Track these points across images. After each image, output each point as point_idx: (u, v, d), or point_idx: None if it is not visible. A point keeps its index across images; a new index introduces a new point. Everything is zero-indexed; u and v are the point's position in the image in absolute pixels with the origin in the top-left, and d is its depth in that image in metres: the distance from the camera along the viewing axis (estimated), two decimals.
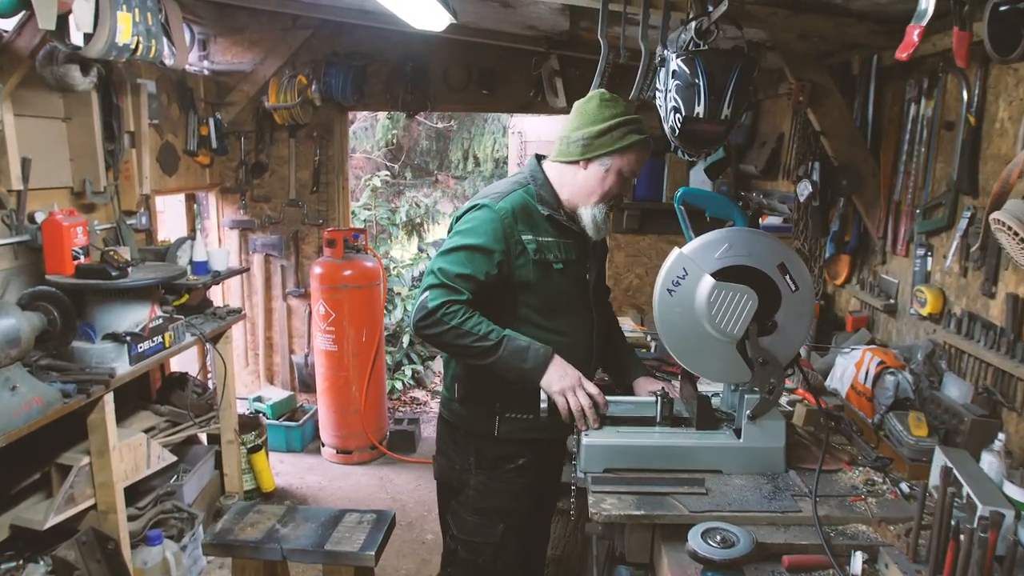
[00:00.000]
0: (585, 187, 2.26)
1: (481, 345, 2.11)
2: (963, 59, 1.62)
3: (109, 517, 3.11)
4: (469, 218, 2.23)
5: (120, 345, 3.17)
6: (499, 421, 2.33)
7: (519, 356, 2.13)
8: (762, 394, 2.07)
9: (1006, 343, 2.16)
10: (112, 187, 3.85)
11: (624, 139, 2.20)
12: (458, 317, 2.10)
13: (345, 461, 5.19)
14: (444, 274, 2.15)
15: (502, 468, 2.37)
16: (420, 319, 2.13)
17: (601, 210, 2.28)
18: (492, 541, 2.38)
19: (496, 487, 2.38)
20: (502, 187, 2.32)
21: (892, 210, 2.90)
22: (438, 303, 2.11)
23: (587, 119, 2.23)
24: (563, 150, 2.28)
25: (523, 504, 2.41)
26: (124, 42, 2.98)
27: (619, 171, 2.24)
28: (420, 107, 5.26)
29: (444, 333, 2.11)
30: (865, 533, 1.87)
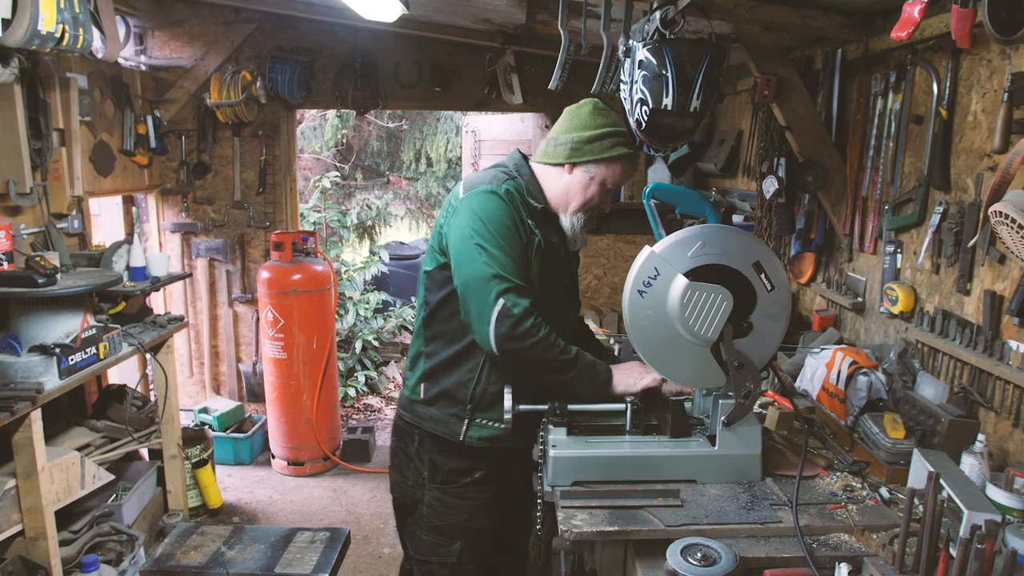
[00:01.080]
0: (568, 192, 2.17)
1: (563, 359, 1.99)
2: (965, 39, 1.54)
3: (39, 543, 2.91)
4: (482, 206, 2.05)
5: (48, 358, 2.96)
6: (467, 425, 2.19)
7: (593, 371, 2.06)
8: (737, 399, 1.98)
9: (983, 341, 2.10)
10: (40, 188, 3.60)
11: (613, 149, 2.12)
12: (544, 328, 1.96)
13: (297, 473, 4.98)
14: (509, 271, 1.97)
15: (458, 482, 2.25)
16: (510, 330, 1.93)
17: (580, 219, 2.20)
18: (448, 561, 2.26)
19: (451, 503, 2.25)
20: (488, 175, 2.18)
21: (859, 206, 2.85)
22: (525, 309, 1.94)
23: (578, 124, 2.15)
24: (549, 152, 2.18)
25: (481, 521, 2.29)
26: (48, 30, 2.76)
27: (603, 181, 2.15)
28: (370, 105, 5.09)
29: (533, 347, 1.95)
30: (848, 543, 1.79)
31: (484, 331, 1.97)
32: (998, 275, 2.09)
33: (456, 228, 2.07)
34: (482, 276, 1.97)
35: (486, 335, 1.97)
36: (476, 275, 1.99)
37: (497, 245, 2.00)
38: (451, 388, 2.20)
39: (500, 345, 1.96)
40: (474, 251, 2.00)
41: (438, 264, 2.19)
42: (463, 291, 2.04)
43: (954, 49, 2.25)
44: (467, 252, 2.02)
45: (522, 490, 2.51)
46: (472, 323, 2.02)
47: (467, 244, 2.02)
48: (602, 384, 2.07)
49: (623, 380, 2.09)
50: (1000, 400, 2.06)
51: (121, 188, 4.67)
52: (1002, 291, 2.06)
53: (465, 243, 2.03)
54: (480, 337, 2.01)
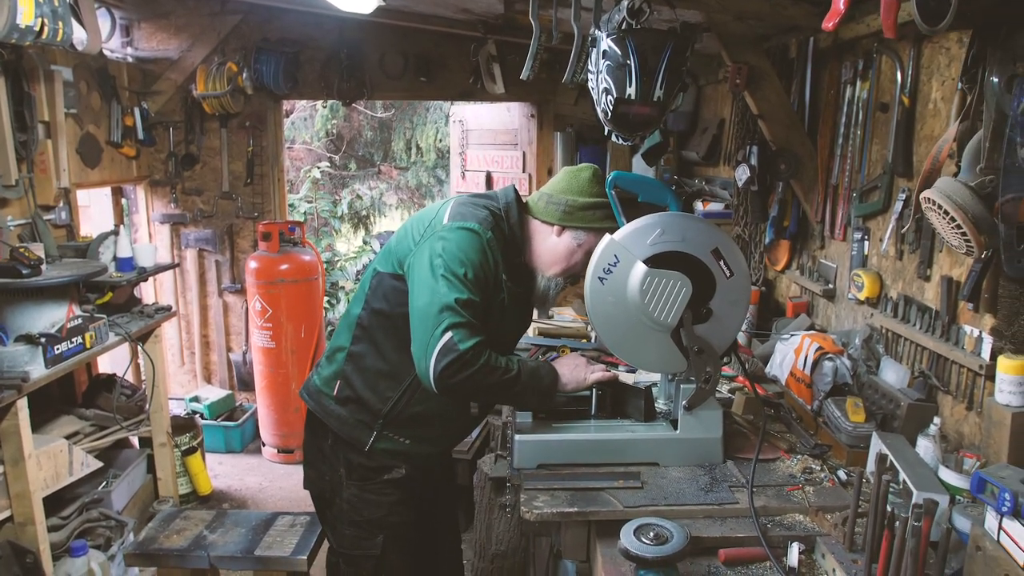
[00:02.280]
0: (553, 254, 2.14)
1: (507, 378, 1.95)
2: (891, 29, 1.57)
3: (27, 529, 2.95)
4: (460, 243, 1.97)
5: (34, 347, 2.99)
6: (375, 437, 2.13)
7: (536, 377, 2.02)
8: (698, 384, 2.02)
9: (941, 326, 2.14)
10: (26, 180, 3.63)
11: (603, 221, 2.10)
12: (484, 356, 1.90)
13: (287, 460, 5.04)
14: (463, 307, 1.89)
15: (376, 479, 2.19)
16: (448, 364, 1.84)
17: (558, 284, 2.18)
18: (373, 553, 2.20)
19: (370, 499, 2.19)
20: (481, 211, 2.08)
21: (830, 194, 2.88)
22: (471, 345, 1.86)
23: (576, 188, 2.13)
24: (543, 208, 2.14)
25: (402, 515, 2.24)
26: (27, 24, 2.80)
27: (587, 251, 2.10)
28: (356, 95, 5.11)
29: (473, 375, 1.87)
30: (802, 523, 1.83)
31: (425, 363, 1.87)
32: (955, 261, 2.12)
33: (428, 251, 1.98)
34: (436, 306, 1.88)
35: (426, 368, 1.87)
36: (430, 303, 1.89)
37: (462, 280, 1.92)
38: (367, 398, 2.13)
39: (438, 380, 1.87)
40: (438, 280, 1.91)
41: (393, 272, 2.10)
42: (414, 317, 1.95)
43: (916, 37, 2.28)
44: (429, 279, 1.93)
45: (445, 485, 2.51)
46: (415, 352, 1.93)
47: (433, 272, 1.93)
48: (547, 388, 2.04)
49: (572, 376, 2.08)
50: (956, 384, 2.10)
51: (109, 180, 4.70)
52: (959, 277, 2.10)
53: (431, 270, 1.94)
54: (420, 369, 1.91)
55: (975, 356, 1.98)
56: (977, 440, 2.00)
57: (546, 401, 2.07)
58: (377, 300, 2.13)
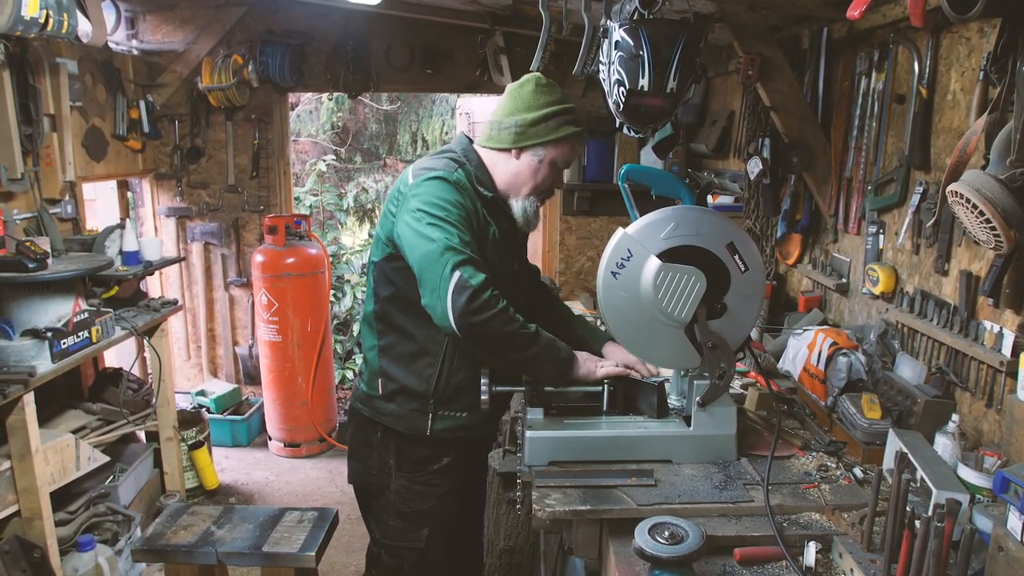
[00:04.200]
0: (517, 177, 2.12)
1: (524, 333, 1.90)
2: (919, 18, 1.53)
3: (34, 523, 2.95)
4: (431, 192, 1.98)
5: (40, 342, 2.99)
6: (432, 419, 2.17)
7: (553, 347, 1.98)
8: (712, 380, 1.99)
9: (959, 321, 2.11)
10: (32, 174, 3.62)
11: (560, 130, 2.07)
12: (502, 300, 1.87)
13: (293, 454, 5.04)
14: (463, 246, 1.88)
15: (425, 470, 2.22)
16: (467, 302, 1.81)
17: (532, 203, 2.16)
18: (417, 546, 2.25)
19: (419, 490, 2.23)
20: (439, 163, 2.11)
21: (843, 187, 2.85)
22: (483, 280, 1.84)
23: (521, 105, 2.08)
24: (494, 136, 2.13)
25: (448, 507, 2.28)
26: (31, 15, 2.78)
27: (552, 162, 2.10)
28: (362, 88, 5.07)
29: (492, 319, 1.84)
30: (819, 522, 1.80)
31: (441, 307, 1.84)
32: (975, 255, 2.09)
33: (407, 212, 1.99)
34: (435, 250, 1.88)
35: (444, 311, 1.84)
36: (429, 250, 1.89)
37: (450, 222, 1.93)
38: (411, 384, 2.15)
39: (459, 320, 1.83)
40: (426, 229, 1.91)
41: (386, 255, 2.12)
42: (418, 270, 1.93)
43: (935, 27, 2.23)
44: (419, 231, 1.93)
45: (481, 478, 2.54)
46: (428, 301, 1.91)
47: (419, 224, 1.93)
48: (564, 361, 2.02)
49: (584, 364, 2.06)
50: (975, 380, 2.06)
51: (115, 173, 4.68)
52: (978, 271, 2.06)
53: (417, 223, 1.94)
54: (438, 315, 1.88)
55: (995, 352, 1.95)
56: (997, 438, 1.97)
57: (562, 373, 2.03)
58: (384, 288, 2.16)
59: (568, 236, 5.30)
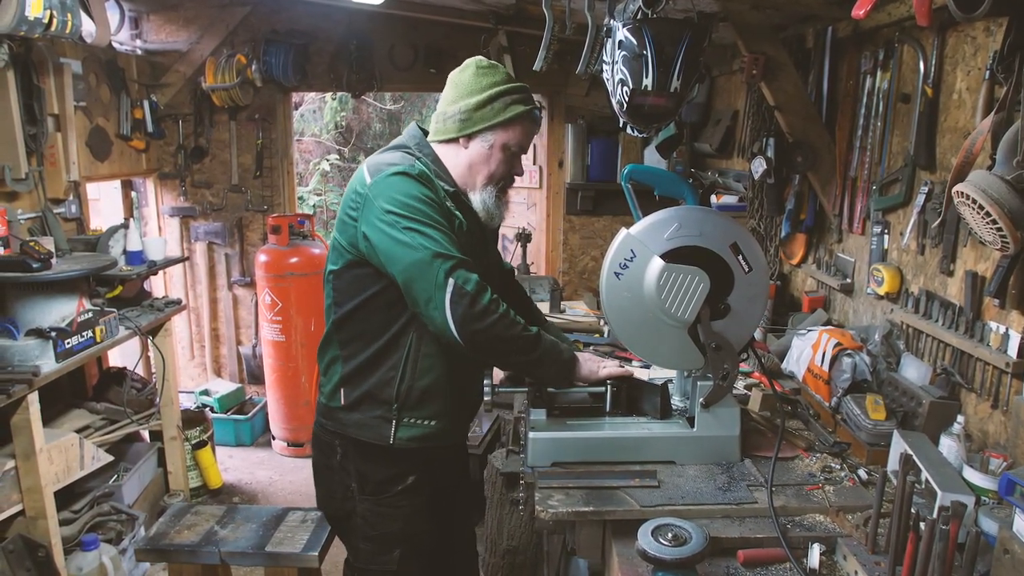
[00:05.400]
0: (471, 168, 1.99)
1: (527, 336, 1.84)
2: (925, 17, 1.52)
3: (39, 523, 2.96)
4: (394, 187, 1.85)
5: (45, 341, 2.99)
6: (396, 426, 2.02)
7: (556, 349, 1.93)
8: (715, 381, 1.98)
9: (964, 322, 2.09)
10: (36, 174, 3.62)
11: (507, 111, 1.93)
12: (502, 303, 1.80)
13: (297, 454, 5.03)
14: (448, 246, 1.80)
15: (390, 491, 2.09)
16: (467, 308, 1.75)
17: (490, 193, 2.01)
18: (389, 568, 2.13)
19: (385, 512, 2.11)
20: (396, 156, 1.97)
21: (848, 187, 2.83)
22: (477, 283, 1.77)
23: (463, 91, 1.96)
24: (440, 128, 2.00)
25: (419, 526, 2.16)
26: (35, 15, 2.78)
27: (504, 146, 1.96)
28: (366, 87, 5.07)
29: (495, 324, 1.78)
30: (823, 523, 1.80)
31: (440, 318, 1.77)
32: (980, 256, 2.07)
33: (376, 216, 1.84)
34: (423, 259, 1.77)
35: (444, 322, 1.77)
36: (415, 260, 1.78)
37: (427, 224, 1.81)
38: (373, 389, 2.03)
39: (460, 329, 1.76)
40: (405, 235, 1.80)
41: (347, 262, 1.99)
42: (405, 280, 1.82)
43: (940, 26, 2.22)
44: (398, 238, 1.81)
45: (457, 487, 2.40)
46: (424, 313, 1.83)
47: (395, 230, 1.81)
48: (567, 363, 1.97)
49: (586, 364, 2.02)
50: (980, 381, 2.05)
51: (119, 173, 4.68)
52: (984, 272, 2.05)
53: (392, 229, 1.81)
54: (437, 326, 1.81)
55: (1001, 353, 1.94)
56: (1003, 439, 1.96)
57: (566, 376, 1.98)
58: (344, 296, 2.05)
59: (571, 236, 5.29)
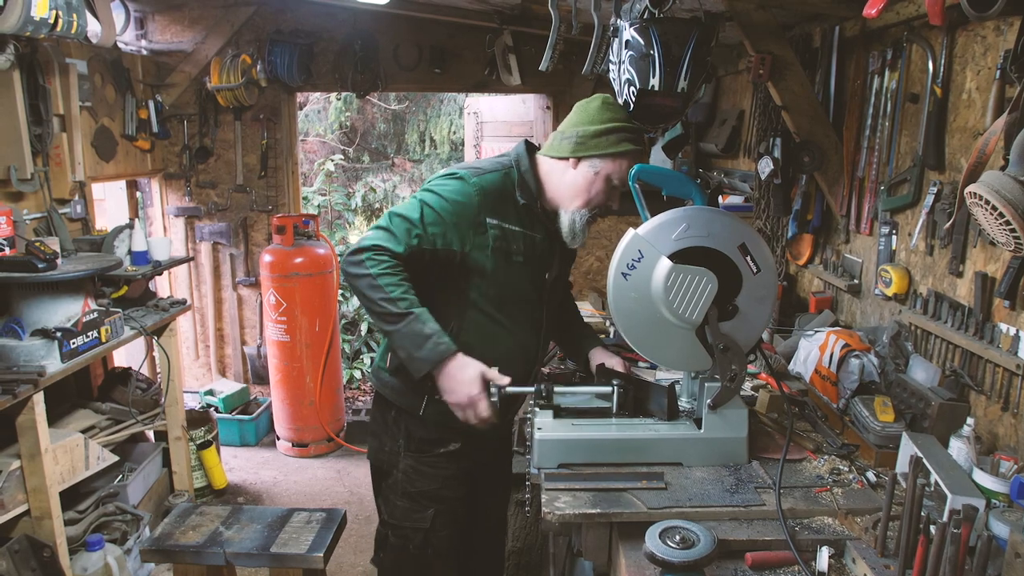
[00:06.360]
0: (572, 188, 2.14)
1: (385, 308, 1.95)
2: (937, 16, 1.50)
3: (44, 523, 2.95)
4: (441, 183, 2.10)
5: (50, 341, 2.99)
6: (426, 401, 2.18)
7: (415, 341, 1.95)
8: (723, 382, 1.97)
9: (974, 324, 2.08)
10: (41, 174, 3.63)
11: (620, 145, 2.09)
12: (380, 267, 1.96)
13: (301, 454, 5.04)
14: (394, 219, 2.03)
15: (431, 452, 2.25)
16: (350, 252, 2.01)
17: (583, 216, 2.15)
18: (422, 526, 2.26)
19: (425, 471, 2.26)
20: (485, 164, 2.19)
21: (855, 187, 2.82)
22: (370, 243, 1.99)
23: (586, 118, 2.13)
24: (556, 145, 2.16)
25: (454, 490, 2.30)
26: (41, 16, 2.78)
27: (608, 177, 2.12)
28: (370, 87, 5.06)
29: (361, 277, 1.97)
30: (831, 526, 1.78)
31: None
32: (990, 257, 2.06)
33: None
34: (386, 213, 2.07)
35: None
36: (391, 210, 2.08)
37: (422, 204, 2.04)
38: None
39: (341, 261, 2.06)
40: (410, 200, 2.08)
41: None
42: None
43: (950, 25, 2.21)
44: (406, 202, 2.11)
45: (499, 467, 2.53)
46: None
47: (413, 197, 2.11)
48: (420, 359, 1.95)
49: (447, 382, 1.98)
50: (990, 383, 2.04)
51: (124, 173, 4.68)
52: (994, 273, 2.03)
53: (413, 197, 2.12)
54: None
55: (1011, 355, 1.92)
56: (1013, 442, 1.94)
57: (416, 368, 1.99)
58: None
59: None
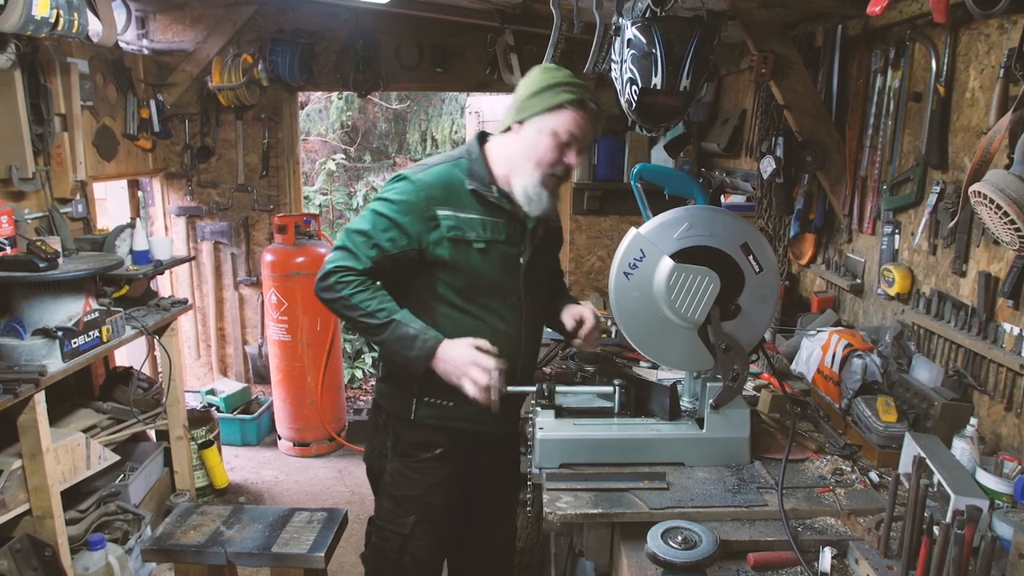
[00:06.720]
0: (518, 152, 2.06)
1: (368, 322, 1.99)
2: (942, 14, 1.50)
3: (45, 522, 2.95)
4: (389, 188, 2.10)
5: (51, 341, 2.99)
6: (416, 404, 2.17)
7: (404, 344, 1.98)
8: (725, 382, 1.96)
9: (977, 323, 2.07)
10: (43, 173, 3.62)
11: (558, 97, 1.99)
12: (350, 288, 1.99)
13: (302, 454, 5.03)
14: (351, 236, 2.06)
15: (417, 456, 2.22)
16: (318, 279, 2.04)
17: (534, 179, 2.04)
18: (401, 532, 2.23)
19: (410, 476, 2.23)
20: (433, 159, 2.19)
21: (858, 186, 2.81)
22: (334, 266, 2.02)
23: (525, 86, 2.08)
24: (503, 120, 2.14)
25: (439, 497, 2.24)
26: (42, 15, 2.77)
27: (553, 132, 2.00)
28: (372, 87, 5.06)
29: (335, 301, 2.01)
30: (834, 526, 1.78)
31: None
32: (993, 256, 2.05)
33: None
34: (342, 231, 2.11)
35: None
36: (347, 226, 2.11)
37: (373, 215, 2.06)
38: (396, 367, 2.16)
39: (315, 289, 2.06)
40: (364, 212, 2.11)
41: None
42: None
43: (953, 24, 2.20)
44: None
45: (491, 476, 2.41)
46: None
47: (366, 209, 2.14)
48: (413, 360, 1.98)
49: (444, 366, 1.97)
50: (993, 383, 2.03)
51: (125, 172, 4.68)
52: (997, 272, 2.03)
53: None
54: None
55: (1015, 355, 1.91)
56: (1016, 442, 1.93)
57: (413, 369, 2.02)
58: None
59: (578, 235, 5.28)
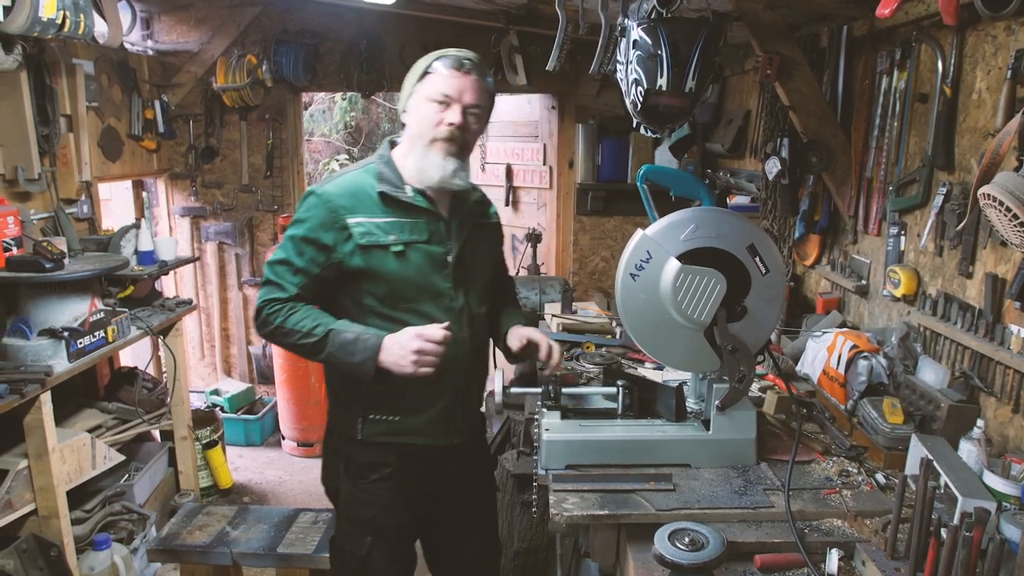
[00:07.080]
0: (410, 136, 2.02)
1: (307, 342, 1.94)
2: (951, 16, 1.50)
3: (51, 522, 2.96)
4: (299, 208, 2.06)
5: (57, 341, 3.00)
6: (362, 423, 2.08)
7: (346, 350, 1.92)
8: (731, 383, 1.96)
9: (984, 325, 2.07)
10: (48, 174, 3.63)
11: (423, 65, 1.97)
12: (281, 315, 1.97)
13: (306, 454, 5.04)
14: (274, 268, 2.03)
15: (367, 477, 2.13)
16: (253, 319, 2.04)
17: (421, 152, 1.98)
18: (359, 553, 2.16)
19: (362, 497, 2.15)
20: (344, 170, 2.15)
21: (863, 188, 2.81)
22: (262, 301, 2.01)
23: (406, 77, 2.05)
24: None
25: (391, 519, 2.16)
26: (48, 16, 2.78)
27: (427, 99, 1.95)
28: (376, 87, 5.06)
29: (273, 333, 1.99)
30: (840, 528, 1.78)
31: None
32: (1000, 258, 2.05)
33: None
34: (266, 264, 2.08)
35: None
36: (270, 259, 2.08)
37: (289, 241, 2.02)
38: (341, 387, 2.14)
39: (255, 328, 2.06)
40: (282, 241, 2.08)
41: None
42: None
43: (959, 25, 2.19)
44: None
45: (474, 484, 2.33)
46: None
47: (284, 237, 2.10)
48: (358, 366, 1.91)
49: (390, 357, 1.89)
50: (1000, 385, 2.02)
51: (130, 173, 4.69)
52: (1004, 274, 2.03)
53: None
54: None
55: (1022, 357, 1.91)
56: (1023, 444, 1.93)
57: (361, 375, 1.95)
58: None
59: (582, 236, 5.28)
